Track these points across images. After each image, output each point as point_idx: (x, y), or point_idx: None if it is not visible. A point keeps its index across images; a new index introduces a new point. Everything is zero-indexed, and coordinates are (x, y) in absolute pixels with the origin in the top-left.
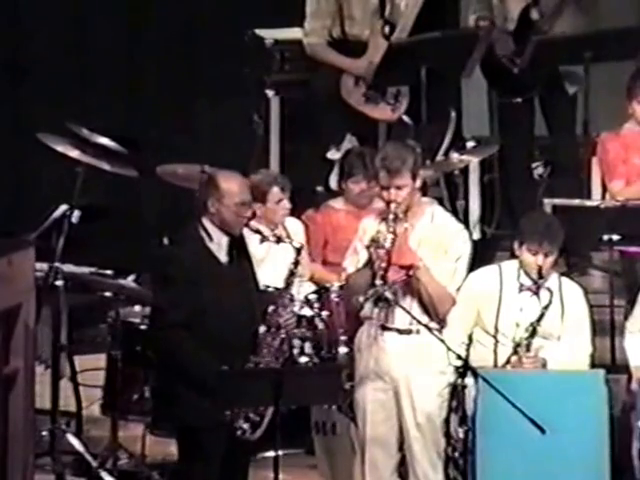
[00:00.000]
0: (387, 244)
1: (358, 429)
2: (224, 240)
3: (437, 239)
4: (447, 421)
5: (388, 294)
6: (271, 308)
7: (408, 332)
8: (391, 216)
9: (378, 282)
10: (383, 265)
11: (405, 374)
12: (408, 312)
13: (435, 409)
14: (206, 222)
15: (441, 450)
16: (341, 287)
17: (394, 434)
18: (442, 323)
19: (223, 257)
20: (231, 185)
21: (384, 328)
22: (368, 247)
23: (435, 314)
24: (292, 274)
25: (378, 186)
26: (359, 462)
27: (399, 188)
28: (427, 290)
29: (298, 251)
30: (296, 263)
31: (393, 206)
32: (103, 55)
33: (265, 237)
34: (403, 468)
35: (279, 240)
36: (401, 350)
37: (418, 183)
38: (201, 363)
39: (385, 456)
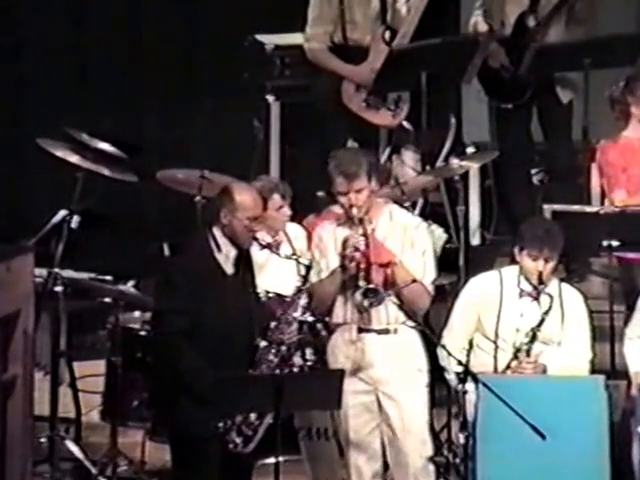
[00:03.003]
0: (361, 246)
1: (341, 432)
2: (232, 252)
3: (400, 235)
4: (448, 427)
5: (389, 298)
6: (273, 324)
7: (386, 332)
8: (356, 220)
9: (363, 283)
10: (363, 266)
11: (386, 374)
12: (410, 316)
13: (418, 407)
14: (217, 232)
15: (429, 452)
16: None
17: (377, 437)
18: (418, 319)
19: (229, 269)
20: (245, 199)
21: (361, 330)
22: (342, 253)
23: (413, 310)
24: (299, 290)
25: (335, 193)
26: (344, 465)
27: (358, 192)
28: (410, 286)
29: (308, 269)
30: (305, 280)
31: (355, 211)
32: (103, 60)
33: (274, 252)
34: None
35: (287, 257)
36: (380, 350)
37: (374, 184)
38: (200, 371)
39: (368, 460)
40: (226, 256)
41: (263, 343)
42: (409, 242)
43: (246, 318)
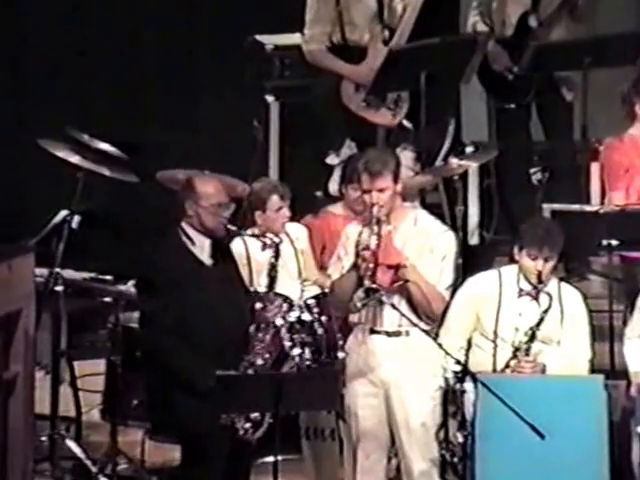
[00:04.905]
0: (372, 245)
1: (350, 433)
2: (206, 243)
3: (421, 240)
4: (445, 426)
5: (385, 299)
6: (258, 306)
7: (397, 334)
8: (374, 220)
9: (367, 282)
10: (370, 266)
11: (395, 377)
12: (406, 316)
13: (427, 412)
14: (186, 226)
15: (435, 457)
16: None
17: (385, 439)
18: (433, 324)
19: (207, 260)
20: (207, 187)
21: (373, 331)
22: (355, 250)
23: (426, 314)
24: (272, 278)
25: (360, 190)
26: (350, 466)
27: (381, 191)
28: (416, 289)
29: (277, 246)
30: (277, 256)
31: (375, 209)
32: (103, 61)
33: (240, 235)
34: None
35: (264, 246)
36: (390, 352)
37: (399, 187)
38: (194, 369)
39: (374, 461)
40: (201, 248)
41: (252, 328)
42: (429, 248)
43: (235, 306)
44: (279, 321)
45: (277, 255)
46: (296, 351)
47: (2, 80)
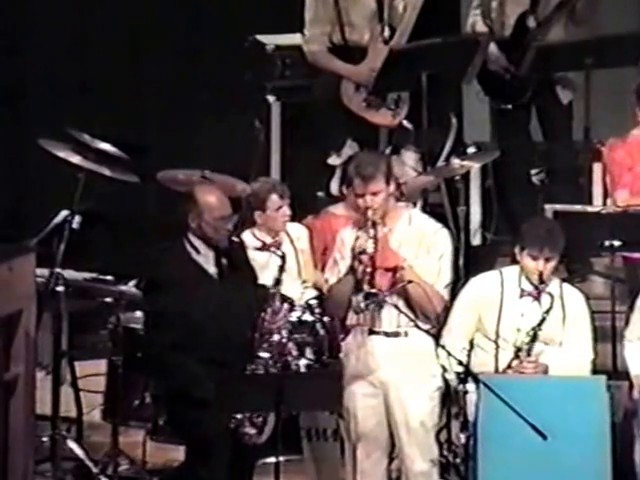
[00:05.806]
0: (369, 249)
1: (350, 434)
2: (211, 253)
3: (417, 240)
4: (448, 427)
5: (388, 299)
6: (262, 315)
7: (396, 335)
8: (369, 223)
9: (366, 287)
10: (368, 270)
11: (394, 378)
12: (411, 318)
13: (427, 413)
14: (191, 236)
15: (435, 457)
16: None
17: (385, 439)
18: (430, 324)
19: (211, 269)
20: (210, 200)
21: (371, 332)
22: (352, 254)
23: (424, 314)
24: (277, 282)
25: (353, 194)
26: (350, 467)
27: (374, 194)
28: (415, 289)
29: (282, 259)
30: (282, 269)
31: (370, 213)
32: (104, 61)
33: (245, 248)
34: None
35: (264, 248)
36: (389, 353)
37: (392, 188)
38: (200, 382)
39: (374, 462)
40: (205, 257)
41: (256, 336)
42: (425, 247)
43: (242, 315)
44: (284, 333)
45: (280, 279)
46: (303, 362)
47: (2, 80)
